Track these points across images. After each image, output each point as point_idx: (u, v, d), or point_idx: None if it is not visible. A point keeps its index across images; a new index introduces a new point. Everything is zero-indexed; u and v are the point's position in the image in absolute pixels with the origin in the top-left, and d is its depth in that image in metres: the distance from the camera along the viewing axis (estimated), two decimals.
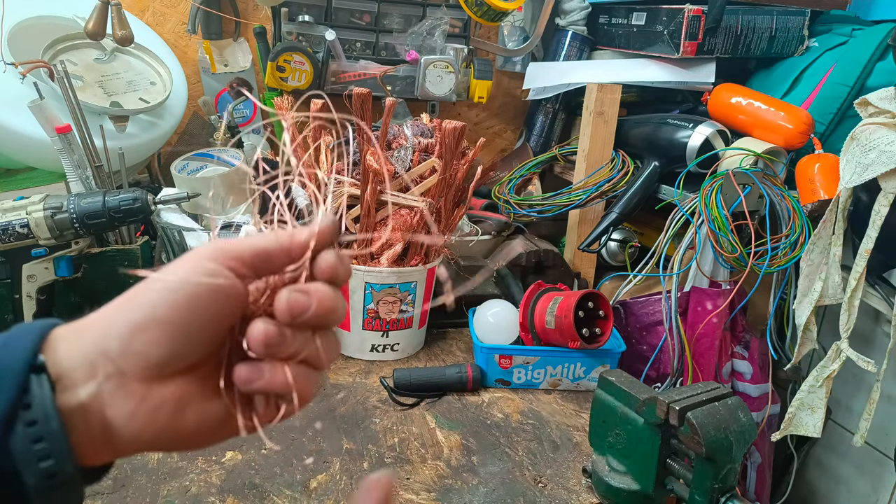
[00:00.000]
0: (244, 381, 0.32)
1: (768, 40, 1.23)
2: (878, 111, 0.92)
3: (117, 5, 1.02)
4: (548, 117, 1.46)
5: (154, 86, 1.14)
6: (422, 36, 1.29)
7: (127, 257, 0.97)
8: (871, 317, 1.13)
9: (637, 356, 1.12)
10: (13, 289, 0.87)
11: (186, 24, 1.31)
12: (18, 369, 0.29)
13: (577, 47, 1.40)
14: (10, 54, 0.99)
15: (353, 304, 0.98)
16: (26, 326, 0.31)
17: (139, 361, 0.30)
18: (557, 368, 0.96)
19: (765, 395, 1.12)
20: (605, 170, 1.22)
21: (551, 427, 0.86)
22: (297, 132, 0.99)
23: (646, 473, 0.67)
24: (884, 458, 1.16)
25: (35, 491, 0.29)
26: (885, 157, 0.86)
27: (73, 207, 0.83)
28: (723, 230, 0.99)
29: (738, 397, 0.65)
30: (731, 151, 1.10)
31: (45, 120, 0.91)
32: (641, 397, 0.66)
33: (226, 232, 0.89)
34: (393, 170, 0.94)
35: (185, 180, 0.97)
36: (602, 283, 1.21)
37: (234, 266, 0.32)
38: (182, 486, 0.69)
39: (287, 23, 1.25)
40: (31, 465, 0.29)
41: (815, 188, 1.02)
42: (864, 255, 0.91)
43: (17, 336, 0.31)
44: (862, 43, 1.13)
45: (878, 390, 0.94)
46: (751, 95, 1.16)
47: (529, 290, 0.99)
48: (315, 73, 1.22)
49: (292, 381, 0.32)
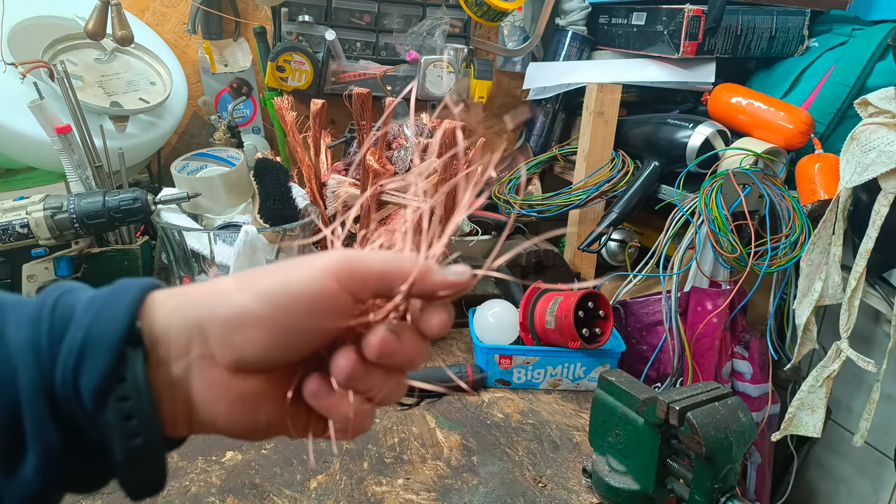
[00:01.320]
0: (311, 394, 0.32)
1: (768, 40, 1.23)
2: (878, 111, 0.92)
3: (117, 5, 1.02)
4: (548, 117, 1.46)
5: (154, 86, 1.14)
6: (422, 36, 1.29)
7: (127, 257, 0.97)
8: (871, 317, 1.13)
9: (637, 356, 1.12)
10: (13, 289, 0.87)
11: (186, 24, 1.31)
12: (115, 338, 0.29)
13: (577, 47, 1.40)
14: (11, 54, 0.99)
15: None
16: (127, 284, 0.31)
17: (234, 354, 0.30)
18: (557, 368, 0.96)
19: (765, 395, 1.12)
20: (605, 170, 1.22)
21: (551, 427, 0.86)
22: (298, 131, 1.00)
23: (646, 473, 0.67)
24: (884, 458, 1.16)
25: (122, 466, 0.29)
26: (885, 157, 0.86)
27: (73, 207, 0.83)
28: (723, 230, 0.99)
29: (738, 397, 0.65)
30: (731, 151, 1.10)
31: (45, 120, 0.91)
32: (641, 397, 0.66)
33: (225, 232, 0.89)
34: (393, 170, 0.94)
35: (185, 180, 0.97)
36: (602, 283, 1.21)
37: (355, 288, 0.31)
38: (182, 486, 0.69)
39: (287, 23, 1.25)
40: (121, 441, 0.29)
41: (815, 188, 1.02)
42: (864, 255, 0.91)
43: (116, 296, 0.30)
44: (862, 43, 1.13)
45: (877, 390, 0.94)
46: (751, 95, 1.16)
47: (529, 290, 0.99)
48: (315, 73, 1.22)
49: (353, 415, 0.32)
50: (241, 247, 0.83)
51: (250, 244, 0.83)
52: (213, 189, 0.96)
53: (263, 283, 0.30)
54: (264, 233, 0.88)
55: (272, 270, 0.31)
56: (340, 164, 1.03)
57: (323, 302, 0.30)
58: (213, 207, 0.98)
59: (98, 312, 0.29)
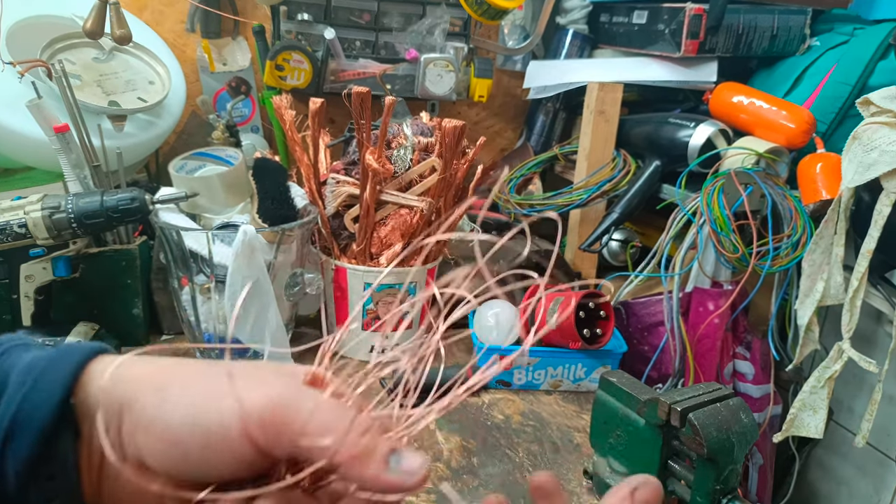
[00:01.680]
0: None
1: (770, 39, 1.22)
2: (880, 110, 0.91)
3: (116, 4, 1.02)
4: (548, 116, 1.46)
5: (152, 85, 1.13)
6: (422, 34, 1.29)
7: (125, 257, 0.96)
8: (874, 317, 1.13)
9: (638, 357, 1.12)
10: (11, 289, 0.87)
11: (185, 23, 1.30)
12: (45, 420, 0.28)
13: (577, 46, 1.39)
14: (8, 53, 0.99)
15: (353, 304, 0.97)
16: (69, 351, 0.30)
17: (136, 452, 0.29)
18: (558, 369, 0.95)
19: (766, 396, 1.11)
20: (607, 169, 1.22)
21: (552, 428, 0.86)
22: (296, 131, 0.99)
23: (647, 475, 0.66)
24: (886, 459, 1.15)
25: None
26: (888, 156, 0.86)
27: (70, 207, 0.82)
28: (725, 230, 0.99)
29: (740, 398, 0.65)
30: (732, 151, 1.09)
31: (43, 119, 0.90)
32: (643, 398, 0.66)
33: (224, 232, 0.89)
34: (392, 169, 0.93)
35: (184, 180, 0.96)
36: (603, 284, 1.21)
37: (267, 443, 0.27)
38: None
39: (286, 21, 1.25)
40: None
41: (817, 188, 1.01)
42: (866, 256, 0.90)
43: (54, 367, 0.29)
44: (864, 42, 1.12)
45: (879, 391, 0.93)
46: (752, 94, 1.15)
47: (529, 290, 0.99)
48: (314, 71, 1.22)
49: None
50: (239, 247, 0.82)
51: (249, 244, 0.83)
52: (212, 189, 0.96)
53: (180, 400, 0.29)
54: (263, 232, 0.87)
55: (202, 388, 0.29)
56: (339, 164, 1.02)
57: (221, 450, 0.28)
58: (212, 207, 0.97)
59: (33, 386, 0.28)
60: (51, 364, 0.29)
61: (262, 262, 0.85)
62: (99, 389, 0.29)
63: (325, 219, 0.98)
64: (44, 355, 0.30)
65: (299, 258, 0.95)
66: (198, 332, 0.92)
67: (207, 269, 0.88)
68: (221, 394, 0.28)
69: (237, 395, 0.28)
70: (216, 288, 0.88)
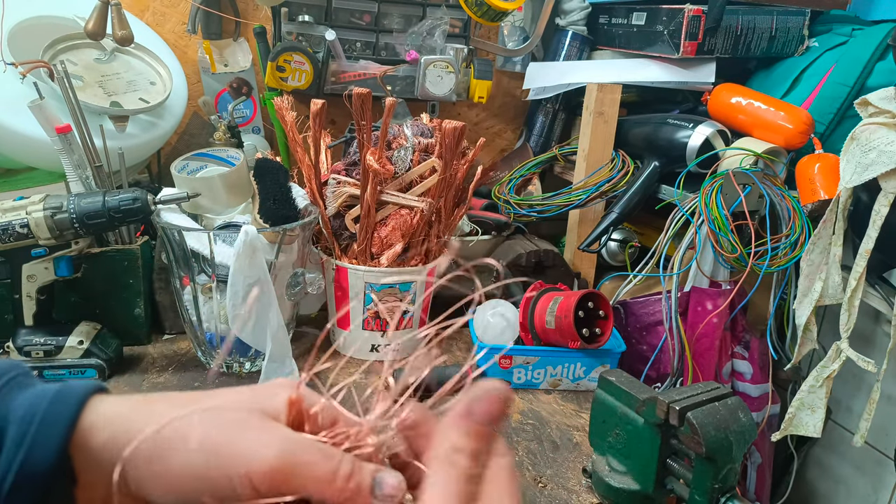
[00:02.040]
0: None
1: (768, 40, 1.23)
2: (878, 111, 0.92)
3: (117, 5, 1.02)
4: (548, 117, 1.46)
5: (154, 86, 1.14)
6: (422, 36, 1.29)
7: (127, 257, 0.97)
8: (872, 317, 1.13)
9: (637, 356, 1.12)
10: (13, 289, 0.87)
11: (186, 24, 1.31)
12: (45, 474, 0.28)
13: (577, 47, 1.40)
14: (10, 54, 0.99)
15: (353, 304, 0.98)
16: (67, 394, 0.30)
17: (141, 489, 0.30)
18: (557, 368, 0.96)
19: (765, 396, 1.12)
20: (605, 170, 1.22)
21: (551, 427, 0.86)
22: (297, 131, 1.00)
23: (646, 473, 0.67)
24: (884, 458, 1.16)
25: None
26: (886, 157, 0.86)
27: (72, 207, 0.83)
28: (723, 230, 0.99)
29: (738, 397, 0.65)
30: (731, 151, 1.10)
31: (45, 120, 0.91)
32: (641, 397, 0.66)
33: (225, 232, 0.89)
34: (393, 170, 0.94)
35: (185, 180, 0.97)
36: (602, 283, 1.21)
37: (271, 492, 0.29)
38: None
39: (287, 23, 1.25)
40: None
41: (816, 188, 1.02)
42: (864, 255, 0.91)
43: (52, 416, 0.30)
44: (862, 43, 1.13)
45: (878, 390, 0.94)
46: (751, 95, 1.15)
47: (529, 290, 0.99)
48: (315, 73, 1.22)
49: None
50: (241, 247, 0.83)
51: (250, 244, 0.83)
52: (213, 189, 0.96)
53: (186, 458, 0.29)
54: (264, 233, 0.88)
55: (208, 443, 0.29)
56: (340, 164, 1.03)
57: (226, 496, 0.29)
58: (213, 207, 0.98)
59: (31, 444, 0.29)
60: (49, 412, 0.30)
61: (263, 262, 0.85)
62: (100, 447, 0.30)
63: (326, 219, 0.99)
64: (40, 402, 0.30)
65: (300, 258, 0.95)
66: (199, 331, 0.92)
67: (209, 269, 0.88)
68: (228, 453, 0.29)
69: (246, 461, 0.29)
70: (218, 288, 0.89)
